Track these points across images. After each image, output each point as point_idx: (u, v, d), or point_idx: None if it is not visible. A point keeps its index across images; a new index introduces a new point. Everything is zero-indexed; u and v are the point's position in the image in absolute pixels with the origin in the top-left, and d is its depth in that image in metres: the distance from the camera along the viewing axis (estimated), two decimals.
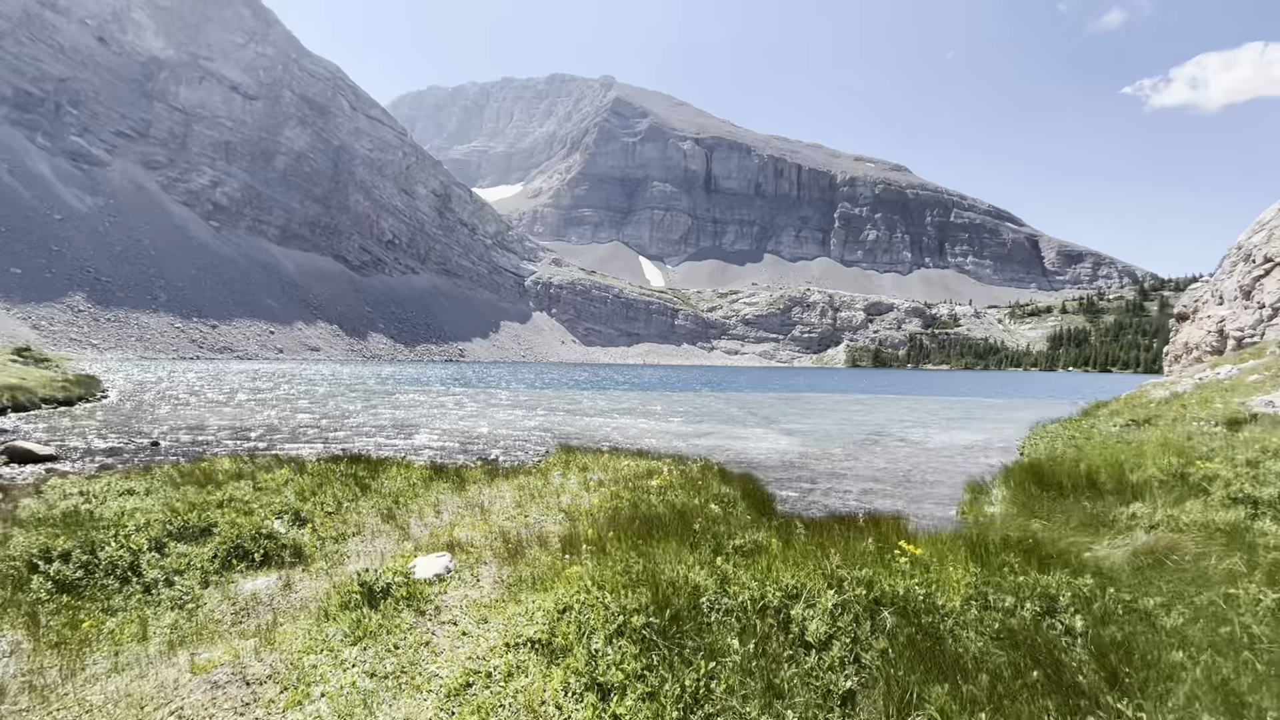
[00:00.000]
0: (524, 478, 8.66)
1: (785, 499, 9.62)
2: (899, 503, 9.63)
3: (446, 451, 15.41)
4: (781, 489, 10.42)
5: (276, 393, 35.69)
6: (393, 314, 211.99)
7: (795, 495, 10.21)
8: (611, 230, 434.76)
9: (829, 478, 11.99)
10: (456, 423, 22.25)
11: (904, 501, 9.81)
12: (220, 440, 16.01)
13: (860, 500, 9.90)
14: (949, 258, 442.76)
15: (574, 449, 11.28)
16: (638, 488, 7.75)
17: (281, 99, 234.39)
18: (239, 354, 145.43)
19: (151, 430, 17.91)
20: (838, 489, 10.78)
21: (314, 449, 14.70)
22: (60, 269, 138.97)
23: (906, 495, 10.37)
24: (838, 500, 9.83)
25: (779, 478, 11.72)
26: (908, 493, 10.58)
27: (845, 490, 10.70)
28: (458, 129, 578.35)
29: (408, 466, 9.01)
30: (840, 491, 10.57)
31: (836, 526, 5.71)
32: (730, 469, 10.49)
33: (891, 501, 9.80)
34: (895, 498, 10.16)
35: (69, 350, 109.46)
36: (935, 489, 10.89)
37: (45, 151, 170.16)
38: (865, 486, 11.15)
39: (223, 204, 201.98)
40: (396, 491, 7.61)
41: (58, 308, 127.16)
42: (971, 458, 14.76)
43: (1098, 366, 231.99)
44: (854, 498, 10.10)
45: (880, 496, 10.22)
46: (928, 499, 10.06)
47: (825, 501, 9.66)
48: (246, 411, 23.98)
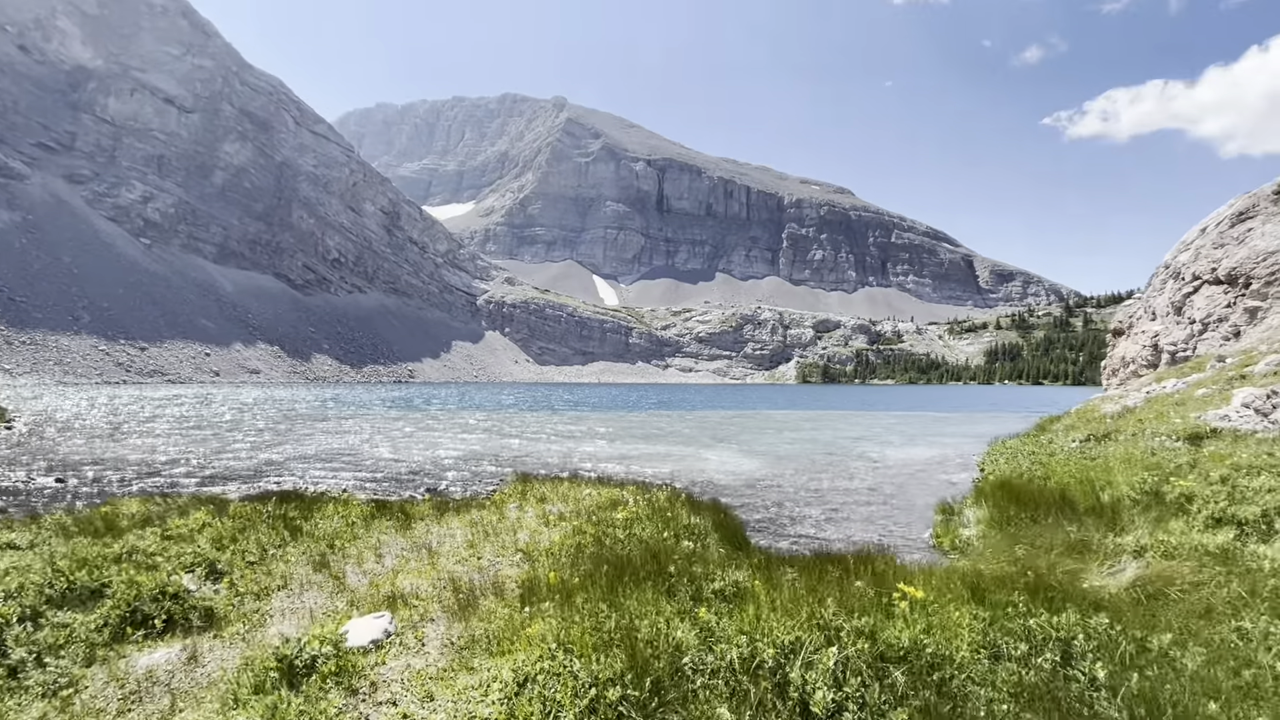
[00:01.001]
0: (477, 512, 7.96)
1: (756, 526, 9.20)
2: (871, 528, 9.33)
3: (392, 483, 14.34)
4: (751, 514, 10.01)
5: (205, 420, 33.49)
6: (338, 334, 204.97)
7: (765, 522, 9.79)
8: (565, 249, 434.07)
9: (796, 501, 11.65)
10: (404, 450, 20.99)
11: (875, 525, 9.52)
12: (135, 477, 14.55)
13: (831, 525, 9.56)
14: (891, 276, 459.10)
15: (531, 477, 10.62)
16: (601, 521, 7.18)
17: (220, 112, 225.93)
18: (171, 378, 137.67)
19: (57, 466, 16.26)
20: (807, 515, 10.43)
21: (242, 486, 13.45)
22: None
23: (876, 517, 10.10)
24: (811, 527, 9.46)
25: (747, 502, 11.31)
26: (877, 515, 10.32)
27: (814, 515, 10.37)
28: (408, 146, 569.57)
29: (346, 503, 8.17)
30: (810, 517, 10.22)
31: (820, 563, 5.28)
32: (696, 495, 10.04)
33: (863, 525, 9.50)
34: (865, 521, 9.87)
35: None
36: (904, 510, 10.68)
37: None
38: (833, 509, 10.86)
39: (155, 220, 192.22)
40: (332, 533, 6.81)
41: None
42: (932, 474, 14.73)
43: (1030, 379, 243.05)
44: (825, 523, 9.75)
45: (850, 521, 9.92)
46: (898, 521, 9.81)
47: (798, 530, 9.28)
48: (169, 442, 22.18)
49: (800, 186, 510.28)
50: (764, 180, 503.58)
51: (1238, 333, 15.77)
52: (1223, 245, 17.14)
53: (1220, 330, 16.34)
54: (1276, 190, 17.12)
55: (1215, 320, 16.67)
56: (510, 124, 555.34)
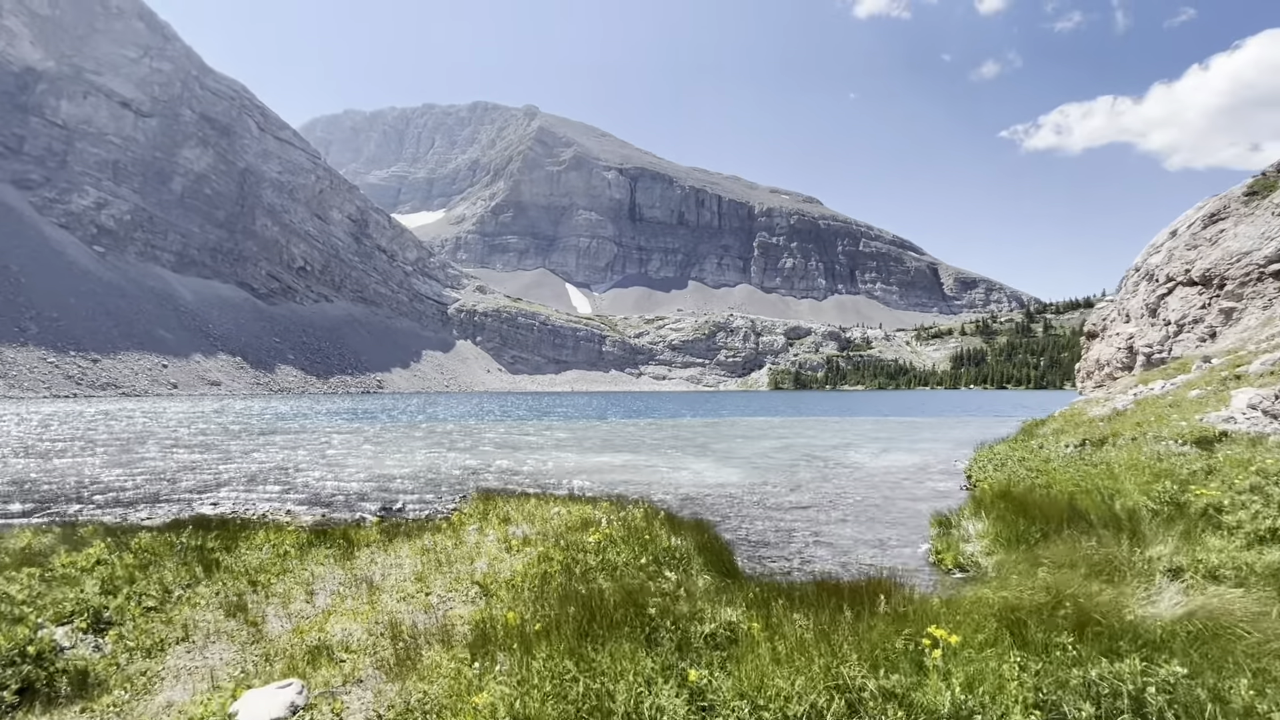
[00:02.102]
0: (431, 536, 7.08)
1: (743, 547, 8.45)
2: (864, 545, 8.66)
3: (340, 502, 13.26)
4: (735, 532, 9.28)
5: (148, 435, 31.62)
6: (304, 344, 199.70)
7: (752, 541, 9.05)
8: (537, 257, 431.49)
9: (780, 513, 10.97)
10: (359, 465, 19.58)
11: (868, 541, 8.86)
12: (47, 501, 13.14)
13: (822, 543, 8.86)
14: (859, 284, 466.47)
15: (494, 494, 9.73)
16: (571, 545, 6.37)
17: (180, 117, 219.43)
18: (126, 391, 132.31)
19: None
20: (795, 530, 9.73)
21: (170, 509, 12.17)
22: None
23: (868, 533, 9.45)
24: (800, 545, 8.74)
25: (728, 516, 10.58)
26: (868, 529, 9.68)
27: (803, 531, 9.68)
28: (376, 154, 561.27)
29: (280, 529, 7.20)
30: (799, 534, 9.52)
31: (824, 594, 4.55)
32: (675, 510, 9.29)
33: (854, 542, 8.83)
34: (857, 537, 9.21)
35: None
36: (895, 523, 10.06)
37: None
38: (821, 524, 10.19)
39: (109, 227, 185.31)
40: (257, 567, 5.87)
41: None
42: (918, 482, 14.22)
43: (995, 384, 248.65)
44: (816, 541, 9.05)
45: (841, 536, 9.24)
46: (891, 535, 9.17)
47: (788, 550, 8.54)
48: (100, 461, 20.56)
49: (770, 196, 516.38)
50: (734, 189, 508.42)
51: (1214, 334, 15.70)
52: (1195, 247, 17.15)
53: (1196, 331, 16.27)
54: (1247, 192, 17.22)
55: (1190, 321, 16.61)
56: (481, 132, 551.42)
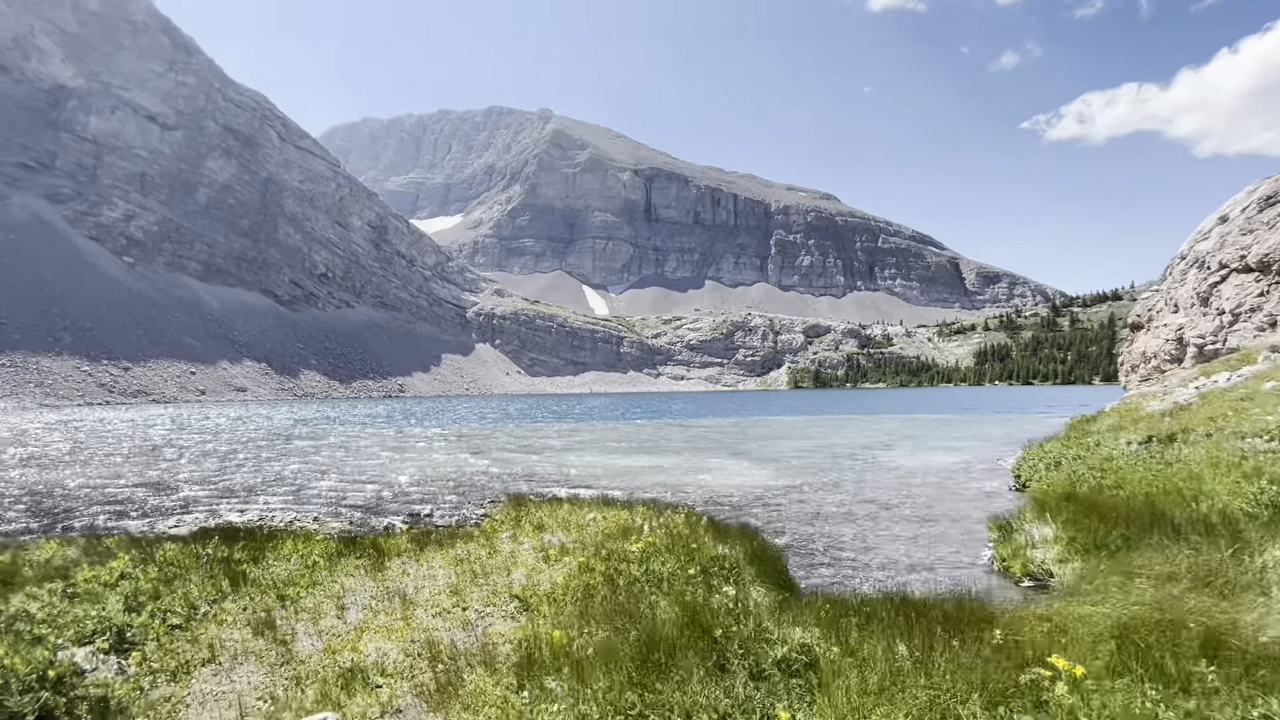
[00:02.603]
0: (463, 545, 6.75)
1: (791, 554, 7.99)
2: (918, 550, 8.16)
3: (368, 509, 12.97)
4: (778, 537, 8.82)
5: (175, 443, 31.91)
6: (327, 350, 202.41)
7: (799, 548, 8.56)
8: (554, 260, 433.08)
9: (825, 519, 10.47)
10: (383, 471, 19.35)
11: (922, 546, 8.35)
12: (76, 510, 13.08)
13: (874, 549, 8.36)
14: (879, 280, 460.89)
15: (525, 499, 9.38)
16: (612, 554, 5.99)
17: (204, 129, 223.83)
18: (156, 398, 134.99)
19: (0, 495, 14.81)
20: (842, 536, 9.22)
21: (195, 516, 12.00)
22: None
23: (920, 537, 8.93)
24: (852, 552, 8.23)
25: (769, 521, 10.12)
26: (920, 534, 9.16)
27: (850, 536, 9.17)
28: (394, 160, 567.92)
29: (308, 539, 6.91)
30: (847, 540, 9.01)
31: (900, 612, 4.10)
32: (715, 514, 8.85)
33: (908, 547, 8.33)
34: (910, 541, 8.70)
35: None
36: (947, 527, 9.52)
37: None
38: (868, 528, 9.68)
39: (138, 238, 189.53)
40: (286, 579, 5.57)
41: None
42: (961, 483, 13.62)
43: (1020, 380, 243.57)
44: (866, 547, 8.54)
45: (893, 541, 8.74)
46: (946, 541, 8.65)
47: (839, 556, 8.06)
48: (128, 468, 20.63)
49: (786, 193, 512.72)
50: (750, 188, 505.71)
51: (1274, 322, 14.85)
52: (1251, 231, 16.30)
53: (1254, 320, 15.44)
54: None
55: (1247, 310, 15.77)
56: (497, 136, 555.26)
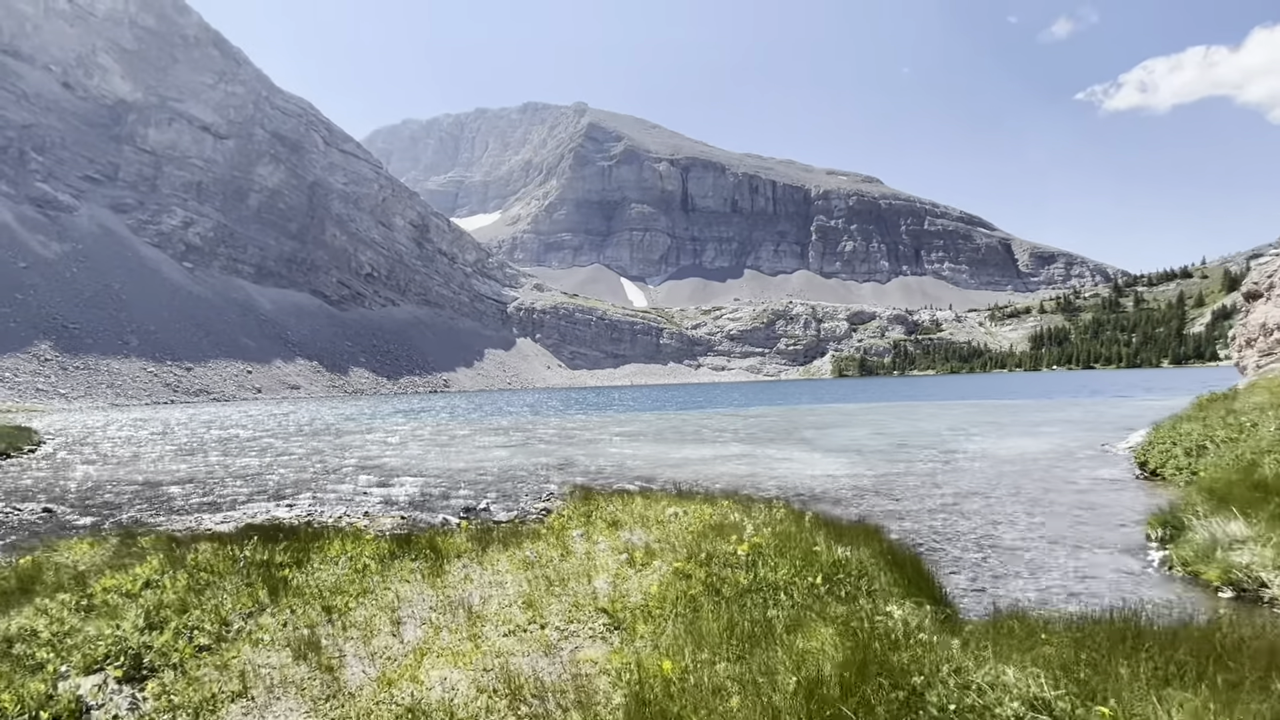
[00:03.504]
0: (530, 544, 5.92)
1: (919, 553, 6.85)
2: (1060, 550, 6.97)
3: (421, 503, 12.45)
4: (886, 534, 7.69)
5: (229, 438, 32.34)
6: (374, 347, 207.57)
7: (914, 546, 7.43)
8: (592, 253, 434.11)
9: (930, 514, 9.33)
10: (436, 462, 19.03)
11: (1063, 546, 7.20)
12: (128, 503, 12.85)
13: (1008, 550, 7.18)
14: (925, 264, 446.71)
15: (592, 491, 8.55)
16: (712, 557, 5.03)
17: (253, 137, 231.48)
18: (216, 396, 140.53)
19: (60, 493, 14.77)
20: (957, 532, 8.11)
21: (243, 511, 11.55)
22: (25, 318, 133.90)
23: (1054, 534, 7.74)
24: (975, 551, 7.15)
25: (867, 517, 8.99)
26: (1051, 530, 7.96)
27: (965, 531, 8.06)
28: (434, 160, 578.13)
29: (357, 538, 6.17)
30: (966, 537, 7.89)
31: (1111, 637, 2.99)
32: (807, 506, 7.75)
33: (1048, 548, 7.16)
34: (1047, 541, 7.49)
35: (35, 401, 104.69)
36: (1079, 521, 8.27)
37: (8, 199, 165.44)
38: (988, 523, 8.52)
39: (196, 244, 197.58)
40: (333, 586, 4.81)
41: (23, 357, 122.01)
42: (1070, 470, 12.23)
43: (1080, 364, 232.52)
44: (997, 546, 7.37)
45: (1029, 541, 7.59)
46: (1089, 540, 7.45)
47: (964, 558, 6.95)
48: (185, 464, 20.69)
49: (827, 178, 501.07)
50: (789, 173, 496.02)
51: None
52: None
53: None
54: None
55: None
56: (533, 132, 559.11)
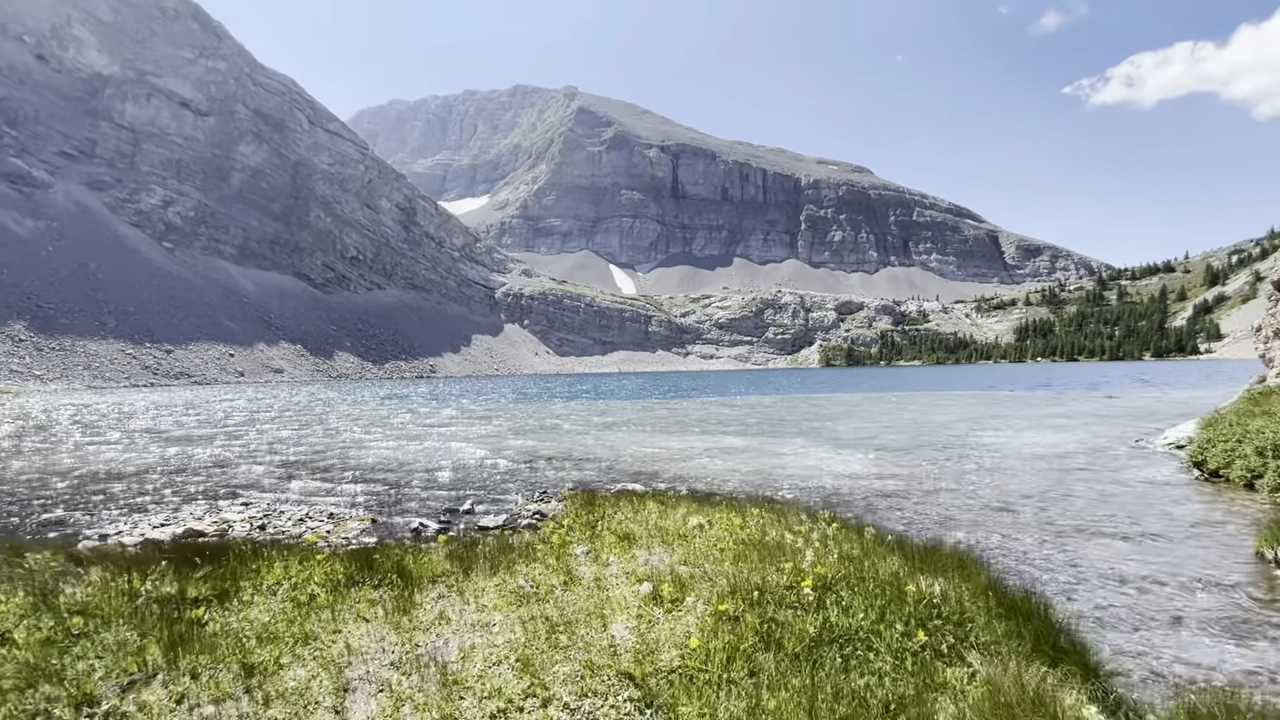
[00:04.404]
0: (524, 566, 4.75)
1: (1011, 579, 5.73)
2: (1158, 574, 5.89)
3: (396, 502, 11.00)
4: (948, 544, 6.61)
5: (199, 423, 30.75)
6: (359, 331, 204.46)
7: (1000, 565, 6.33)
8: (581, 239, 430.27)
9: (981, 526, 8.19)
10: (417, 453, 17.47)
11: (1151, 564, 6.12)
12: (56, 500, 11.25)
13: (1086, 574, 6.12)
14: (913, 256, 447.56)
15: (595, 494, 7.38)
16: (764, 592, 3.89)
17: (235, 114, 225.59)
18: (197, 379, 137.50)
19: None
20: (1022, 549, 6.97)
21: (188, 513, 9.97)
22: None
23: (1128, 551, 6.67)
24: (1066, 575, 5.98)
25: (911, 525, 7.90)
26: (1123, 547, 6.88)
27: (1035, 549, 6.98)
28: (421, 142, 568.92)
29: (307, 556, 4.88)
30: (1033, 554, 6.78)
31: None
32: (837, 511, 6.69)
33: (1140, 566, 6.06)
34: (1132, 560, 6.43)
35: (9, 382, 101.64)
36: (1167, 538, 7.17)
37: None
38: (1047, 537, 7.42)
39: (176, 224, 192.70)
40: (263, 630, 3.59)
41: None
42: (1115, 471, 11.29)
43: (1064, 356, 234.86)
44: (1067, 562, 6.30)
45: (1107, 559, 6.54)
46: (1186, 559, 6.36)
47: (1051, 584, 5.82)
48: (142, 453, 19.12)
49: (817, 167, 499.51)
50: (780, 162, 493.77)
51: None
52: None
53: None
54: None
55: None
56: (522, 115, 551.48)
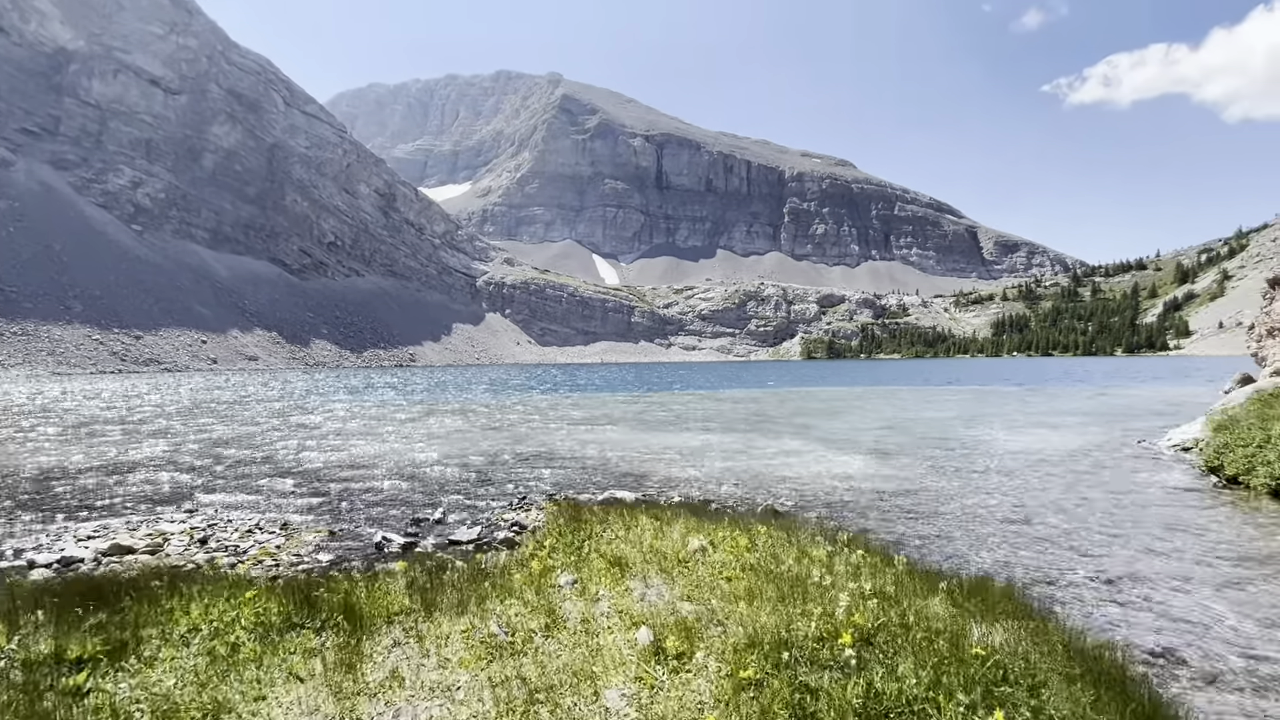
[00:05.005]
0: (499, 603, 4.01)
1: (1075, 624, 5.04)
2: (1249, 620, 5.25)
3: (360, 509, 9.77)
4: (956, 568, 5.96)
5: (156, 414, 29.33)
6: (337, 319, 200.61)
7: (1044, 599, 5.64)
8: (564, 228, 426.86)
9: (1010, 540, 7.57)
10: (388, 450, 16.31)
11: (1248, 611, 5.43)
12: None
13: (1133, 592, 5.53)
14: (894, 250, 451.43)
15: (580, 506, 6.61)
16: (789, 645, 3.20)
17: (208, 93, 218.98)
18: (167, 366, 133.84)
19: None
20: (1058, 568, 6.34)
21: (124, 521, 8.83)
22: None
23: (1164, 567, 6.10)
24: (1141, 612, 5.25)
25: (928, 542, 7.25)
26: (1156, 558, 6.33)
27: (1065, 565, 6.32)
28: (401, 127, 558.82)
29: (235, 591, 4.01)
30: (1070, 575, 6.16)
31: None
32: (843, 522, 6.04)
33: (1188, 593, 5.48)
34: (1168, 581, 5.84)
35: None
36: (1179, 551, 6.63)
37: None
38: (1096, 559, 6.86)
39: (145, 206, 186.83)
40: (163, 701, 2.75)
41: None
42: (1127, 475, 10.89)
43: (1040, 351, 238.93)
44: (1109, 590, 5.71)
45: (1171, 589, 5.87)
46: (1231, 577, 5.75)
47: (1118, 626, 5.15)
48: (84, 448, 17.90)
49: (801, 160, 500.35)
50: (764, 154, 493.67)
51: None
52: None
53: None
54: None
55: None
56: (505, 102, 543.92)
